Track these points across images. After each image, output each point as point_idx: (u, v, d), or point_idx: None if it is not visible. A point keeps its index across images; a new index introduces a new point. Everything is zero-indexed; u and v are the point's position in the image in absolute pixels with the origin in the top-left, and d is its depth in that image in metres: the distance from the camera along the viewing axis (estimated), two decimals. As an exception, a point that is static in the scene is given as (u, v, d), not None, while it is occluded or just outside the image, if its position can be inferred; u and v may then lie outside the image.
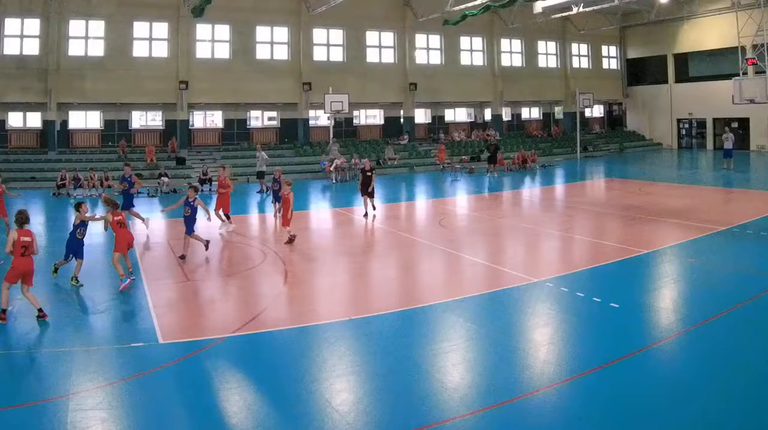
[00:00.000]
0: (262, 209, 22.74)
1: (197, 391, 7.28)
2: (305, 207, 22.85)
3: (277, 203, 19.41)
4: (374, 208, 19.49)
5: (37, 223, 18.51)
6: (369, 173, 19.45)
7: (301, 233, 17.25)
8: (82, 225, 12.16)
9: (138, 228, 16.79)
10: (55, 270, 12.32)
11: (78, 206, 12.22)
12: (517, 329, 9.38)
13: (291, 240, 15.32)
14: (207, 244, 14.23)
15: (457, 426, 6.33)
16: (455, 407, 6.71)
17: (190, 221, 14.02)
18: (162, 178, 27.50)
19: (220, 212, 17.71)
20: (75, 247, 12.05)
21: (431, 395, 7.01)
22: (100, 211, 19.46)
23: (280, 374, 7.72)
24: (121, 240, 11.80)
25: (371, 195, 19.36)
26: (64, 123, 32.59)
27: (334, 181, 30.04)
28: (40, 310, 9.59)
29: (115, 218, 11.88)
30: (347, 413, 6.64)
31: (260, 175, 27.24)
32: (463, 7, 31.20)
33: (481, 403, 6.83)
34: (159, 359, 8.17)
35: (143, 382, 7.49)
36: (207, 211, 15.61)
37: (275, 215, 19.25)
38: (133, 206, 17.97)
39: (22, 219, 9.73)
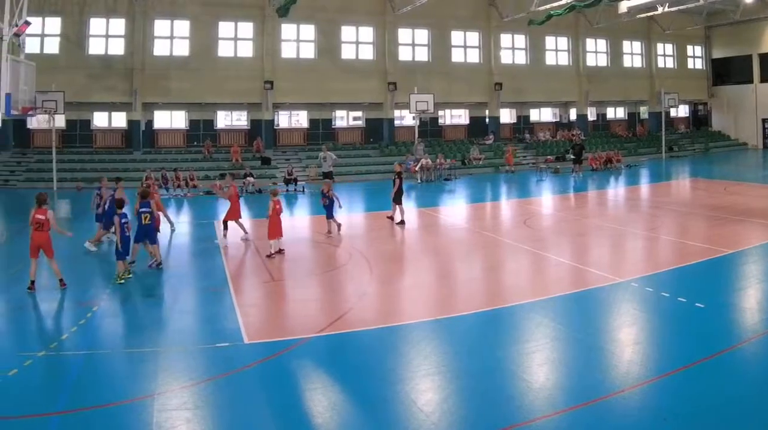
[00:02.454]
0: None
1: (282, 391, 7.10)
2: (390, 207, 22.46)
3: (332, 220, 16.44)
4: (401, 215, 17.90)
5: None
6: (396, 178, 17.94)
7: (387, 233, 17.17)
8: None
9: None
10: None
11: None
12: (603, 329, 9.12)
13: (271, 255, 13.57)
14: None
15: (543, 426, 6.12)
16: (541, 407, 6.51)
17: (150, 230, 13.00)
18: (247, 178, 26.64)
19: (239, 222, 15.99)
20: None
21: (517, 395, 6.83)
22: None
23: (365, 374, 7.53)
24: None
25: (396, 201, 17.98)
26: (149, 123, 31.86)
27: (419, 181, 29.01)
28: (61, 280, 10.84)
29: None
30: (432, 413, 6.46)
31: (327, 175, 25.67)
32: (548, 6, 29.52)
33: (566, 403, 6.61)
34: (244, 359, 7.99)
35: (228, 382, 7.31)
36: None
37: (329, 233, 16.26)
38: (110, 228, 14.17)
39: (40, 200, 10.81)
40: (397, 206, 17.99)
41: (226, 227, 15.84)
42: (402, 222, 17.77)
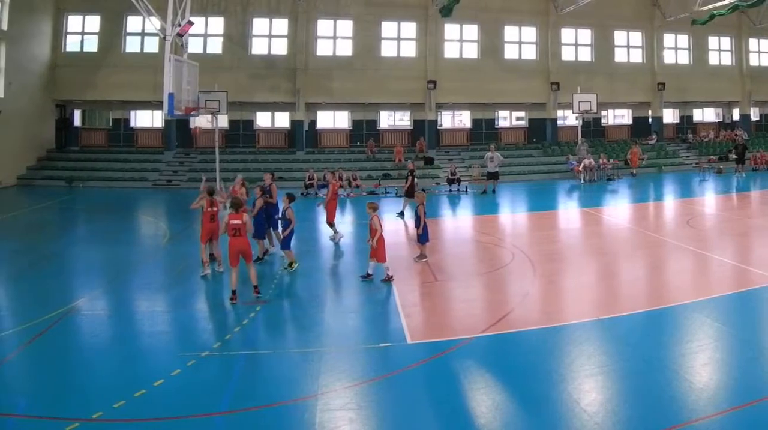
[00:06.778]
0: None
1: (445, 391, 6.89)
2: (553, 207, 22.23)
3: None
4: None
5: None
6: (409, 175, 19.10)
7: (549, 233, 16.78)
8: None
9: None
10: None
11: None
12: (766, 329, 8.68)
13: (389, 278, 11.43)
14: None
15: (706, 426, 5.93)
16: (703, 407, 6.30)
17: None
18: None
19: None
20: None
21: (680, 396, 6.57)
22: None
23: (527, 374, 7.31)
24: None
25: (408, 196, 18.65)
26: (313, 123, 30.76)
27: (582, 181, 27.46)
28: (255, 287, 10.24)
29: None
30: (595, 413, 6.30)
31: (493, 176, 24.82)
32: (711, 6, 26.87)
33: (729, 403, 6.37)
34: (407, 359, 7.81)
35: (391, 382, 7.13)
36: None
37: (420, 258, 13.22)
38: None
39: (236, 204, 10.36)
40: (408, 200, 18.70)
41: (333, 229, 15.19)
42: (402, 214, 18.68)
